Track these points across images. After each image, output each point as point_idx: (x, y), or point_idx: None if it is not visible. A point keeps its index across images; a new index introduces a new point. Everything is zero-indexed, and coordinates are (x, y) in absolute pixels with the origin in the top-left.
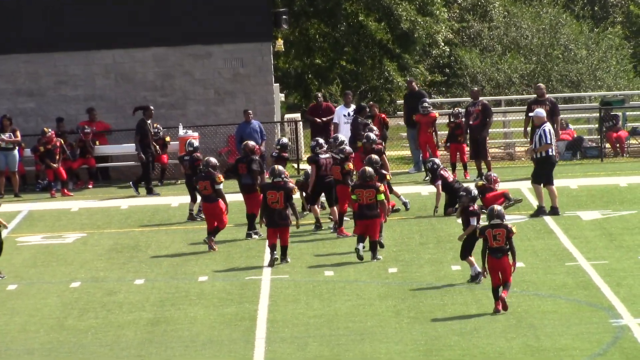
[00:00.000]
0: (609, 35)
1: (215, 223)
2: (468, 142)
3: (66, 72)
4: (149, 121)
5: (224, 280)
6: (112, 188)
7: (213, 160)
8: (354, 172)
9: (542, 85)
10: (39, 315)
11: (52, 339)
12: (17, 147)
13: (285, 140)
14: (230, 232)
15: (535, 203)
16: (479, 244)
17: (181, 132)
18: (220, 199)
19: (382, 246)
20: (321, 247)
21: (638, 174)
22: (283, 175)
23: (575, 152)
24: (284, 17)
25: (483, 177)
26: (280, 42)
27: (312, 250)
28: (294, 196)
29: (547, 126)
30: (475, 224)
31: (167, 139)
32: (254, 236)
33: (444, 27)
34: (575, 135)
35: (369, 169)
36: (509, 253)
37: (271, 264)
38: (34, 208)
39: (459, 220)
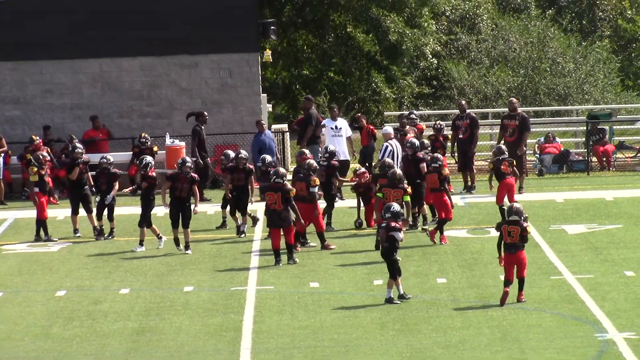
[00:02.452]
0: (597, 49)
1: (306, 224)
2: (454, 154)
3: (52, 80)
4: (203, 127)
5: (209, 291)
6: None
7: (314, 163)
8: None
9: (514, 100)
10: (24, 324)
11: (37, 348)
12: (1, 155)
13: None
14: (215, 243)
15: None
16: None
17: (168, 141)
18: (315, 202)
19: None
20: (307, 258)
21: (624, 188)
22: (284, 178)
23: (562, 165)
24: (272, 27)
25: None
26: (268, 53)
27: (298, 261)
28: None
29: (387, 143)
30: (401, 238)
31: (155, 148)
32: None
33: (431, 40)
34: (562, 149)
35: (399, 171)
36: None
37: (277, 263)
38: (20, 216)
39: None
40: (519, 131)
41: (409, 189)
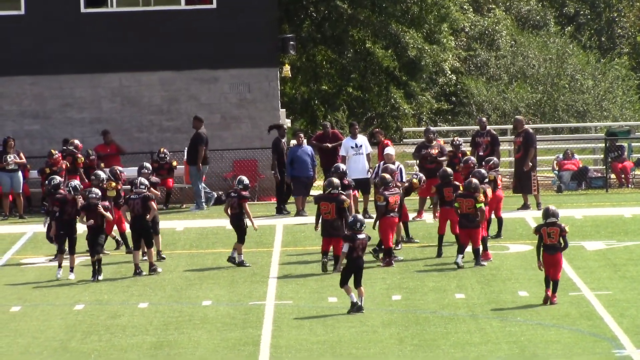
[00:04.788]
0: (616, 66)
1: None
2: None
3: (72, 94)
4: (283, 140)
5: (227, 305)
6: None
7: (388, 176)
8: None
9: (519, 117)
10: (42, 337)
11: None
12: (20, 169)
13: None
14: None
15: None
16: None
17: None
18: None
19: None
20: (325, 273)
21: None
22: (338, 188)
23: (581, 182)
24: (291, 43)
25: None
26: (287, 68)
27: (317, 275)
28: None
29: (385, 165)
30: (346, 250)
31: (174, 163)
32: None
33: (450, 56)
34: (581, 165)
35: (474, 180)
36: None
37: (323, 268)
38: (39, 230)
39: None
40: (523, 148)
41: (481, 197)
